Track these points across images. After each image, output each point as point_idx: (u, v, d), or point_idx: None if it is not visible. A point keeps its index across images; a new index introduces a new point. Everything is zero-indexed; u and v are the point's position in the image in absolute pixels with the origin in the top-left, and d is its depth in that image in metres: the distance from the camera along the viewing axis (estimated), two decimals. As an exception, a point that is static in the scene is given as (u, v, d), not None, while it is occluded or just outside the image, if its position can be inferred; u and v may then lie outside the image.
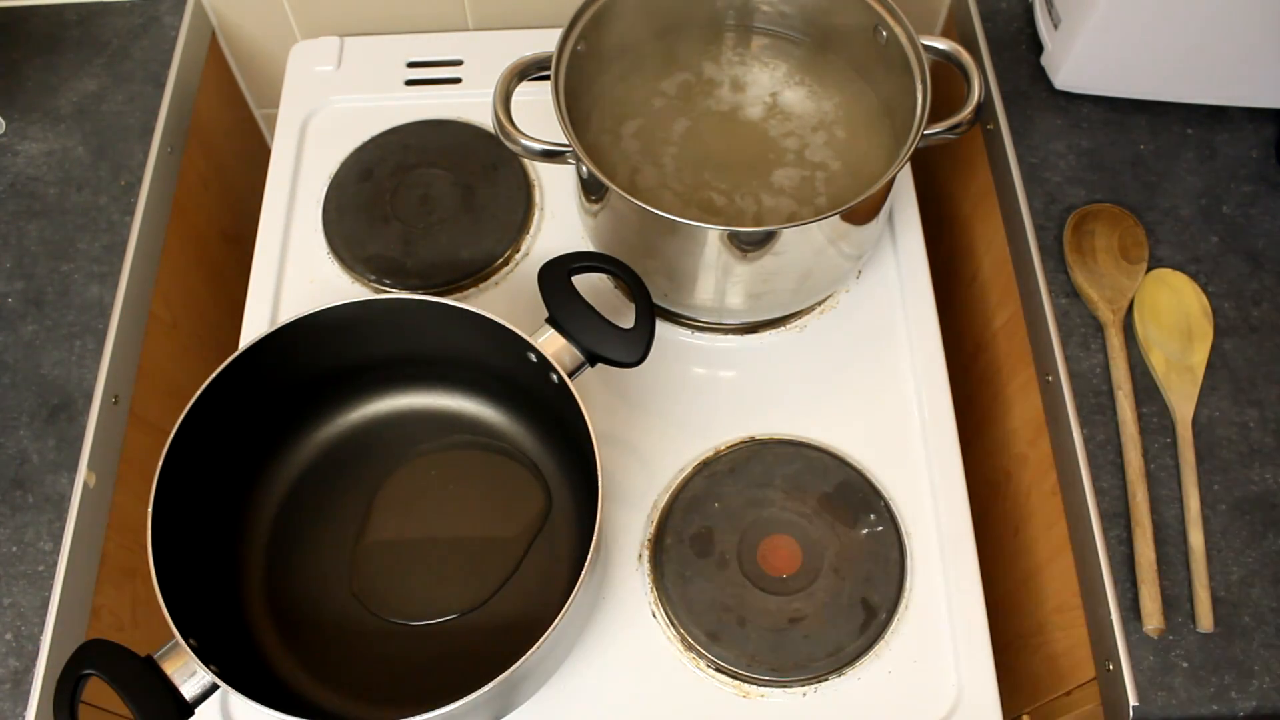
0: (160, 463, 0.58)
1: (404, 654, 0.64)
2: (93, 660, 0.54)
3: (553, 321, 0.63)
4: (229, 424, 0.63)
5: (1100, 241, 0.74)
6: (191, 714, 0.55)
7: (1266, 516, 0.66)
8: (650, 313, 0.63)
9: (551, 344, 0.62)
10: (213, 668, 0.53)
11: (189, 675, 0.54)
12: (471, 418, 0.72)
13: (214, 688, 0.54)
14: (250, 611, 0.65)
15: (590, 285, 0.75)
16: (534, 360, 0.62)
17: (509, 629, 0.64)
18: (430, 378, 0.72)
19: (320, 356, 0.66)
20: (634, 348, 0.63)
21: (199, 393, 0.60)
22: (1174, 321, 0.71)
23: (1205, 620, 0.62)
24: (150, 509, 0.56)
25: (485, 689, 0.51)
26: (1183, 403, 0.68)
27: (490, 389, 0.71)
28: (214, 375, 0.61)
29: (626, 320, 0.64)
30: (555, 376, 0.61)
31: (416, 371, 0.71)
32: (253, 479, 0.68)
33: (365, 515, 0.68)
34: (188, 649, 0.53)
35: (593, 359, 0.63)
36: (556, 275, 0.64)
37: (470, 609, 0.65)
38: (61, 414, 0.70)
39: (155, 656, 0.54)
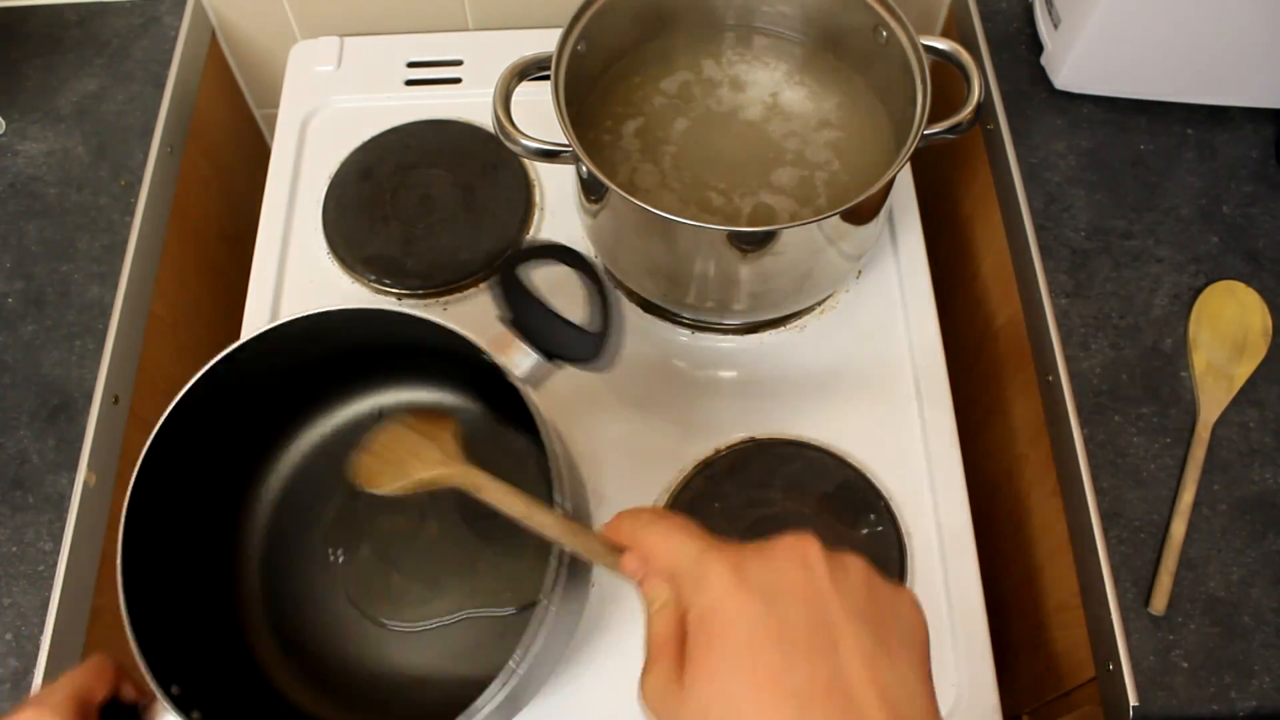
0: (126, 505, 0.54)
1: (403, 660, 0.63)
2: None
3: (509, 322, 0.59)
4: (200, 451, 0.60)
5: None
6: None
7: (1266, 516, 0.66)
8: (605, 302, 0.59)
9: (503, 345, 0.58)
10: (195, 715, 0.50)
11: None
12: (450, 407, 0.69)
13: None
14: (247, 625, 0.64)
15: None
16: (489, 362, 0.58)
17: (509, 629, 0.64)
18: (420, 373, 0.70)
19: (300, 360, 0.63)
20: (589, 342, 0.58)
21: (172, 406, 0.57)
22: (1231, 334, 0.71)
23: (1159, 603, 0.63)
24: (120, 544, 0.53)
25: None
26: (1211, 406, 0.69)
27: (477, 385, 0.68)
28: (186, 388, 0.58)
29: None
30: (509, 380, 0.57)
31: (406, 366, 0.69)
32: (243, 488, 0.66)
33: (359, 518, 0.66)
34: (167, 703, 0.50)
35: (550, 356, 0.59)
36: (506, 274, 0.59)
37: (475, 608, 0.64)
38: (61, 414, 0.70)
39: (141, 709, 0.52)
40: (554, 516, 0.47)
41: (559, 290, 0.61)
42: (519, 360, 0.58)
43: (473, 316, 0.78)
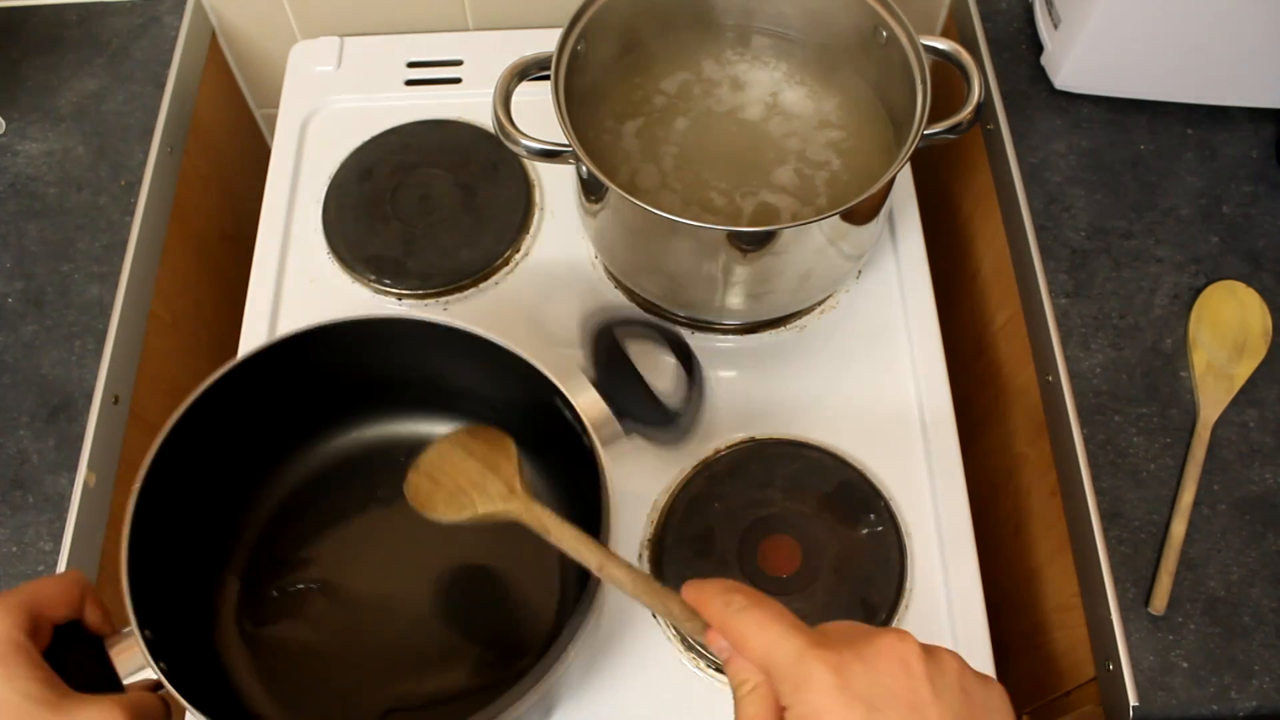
0: (150, 459, 0.55)
1: (368, 689, 0.61)
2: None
3: (598, 386, 0.57)
4: (227, 429, 0.60)
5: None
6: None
7: (1266, 516, 0.66)
8: (695, 385, 0.58)
9: (593, 409, 0.56)
10: (161, 665, 0.50)
11: (136, 669, 0.50)
12: None
13: (158, 685, 0.50)
14: (220, 619, 0.62)
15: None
16: (565, 413, 0.57)
17: (482, 689, 0.61)
18: (449, 407, 0.66)
19: (328, 369, 0.62)
20: (670, 419, 0.58)
21: (200, 391, 0.57)
22: (1231, 335, 0.71)
23: (1159, 603, 0.63)
24: (134, 497, 0.53)
25: None
26: (1211, 406, 0.69)
27: (511, 428, 0.64)
28: (216, 376, 0.58)
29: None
30: (586, 441, 0.56)
31: (437, 398, 0.66)
32: (246, 486, 0.65)
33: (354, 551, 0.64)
34: (140, 641, 0.50)
35: (621, 417, 0.58)
36: (604, 336, 0.58)
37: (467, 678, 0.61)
38: (61, 414, 0.70)
39: (106, 640, 0.51)
40: (631, 572, 0.45)
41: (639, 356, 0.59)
42: (600, 424, 0.56)
43: (473, 317, 0.78)
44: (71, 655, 0.48)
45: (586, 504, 0.54)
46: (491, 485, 0.53)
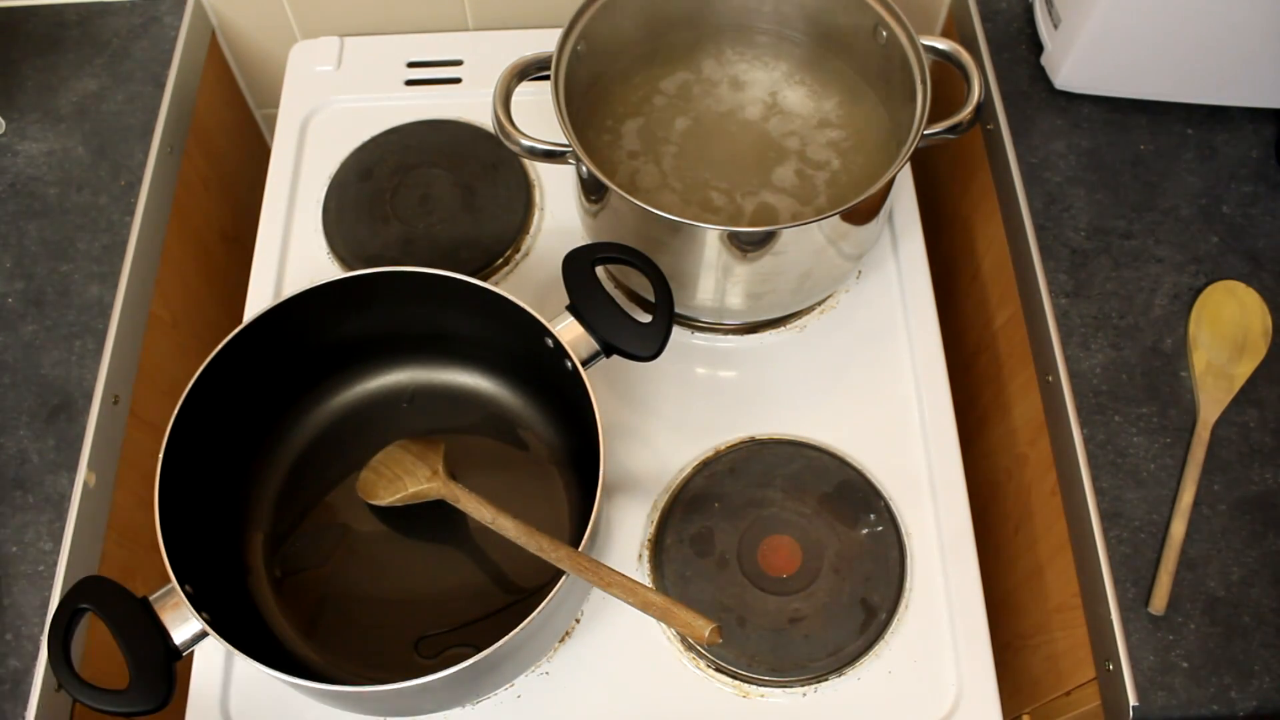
0: (171, 422, 0.59)
1: (396, 624, 0.66)
2: (89, 596, 0.55)
3: (573, 309, 0.63)
4: (243, 386, 0.65)
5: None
6: (179, 658, 0.56)
7: (1266, 516, 0.66)
8: (669, 308, 0.63)
9: (569, 331, 0.63)
10: (204, 615, 0.54)
11: (181, 621, 0.55)
12: (488, 397, 0.72)
13: (203, 634, 0.55)
14: (251, 570, 0.67)
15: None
16: (550, 346, 0.63)
17: (503, 609, 0.66)
18: (447, 353, 0.72)
19: (338, 325, 0.68)
20: (650, 341, 0.63)
21: (217, 351, 0.62)
22: (1231, 334, 0.71)
23: (1159, 603, 0.63)
24: (160, 459, 0.58)
25: (452, 669, 0.53)
26: (1211, 406, 0.69)
27: (506, 369, 0.72)
28: (232, 335, 0.62)
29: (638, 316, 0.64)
30: (569, 364, 0.61)
31: (434, 346, 0.72)
32: (263, 442, 0.70)
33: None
34: (182, 594, 0.54)
35: (608, 350, 0.63)
36: (580, 264, 0.64)
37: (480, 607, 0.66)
38: (61, 414, 0.70)
39: (150, 599, 0.56)
40: (515, 522, 0.58)
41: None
42: (580, 347, 0.62)
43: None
44: (129, 623, 0.54)
45: (584, 433, 0.61)
46: (419, 470, 0.64)
